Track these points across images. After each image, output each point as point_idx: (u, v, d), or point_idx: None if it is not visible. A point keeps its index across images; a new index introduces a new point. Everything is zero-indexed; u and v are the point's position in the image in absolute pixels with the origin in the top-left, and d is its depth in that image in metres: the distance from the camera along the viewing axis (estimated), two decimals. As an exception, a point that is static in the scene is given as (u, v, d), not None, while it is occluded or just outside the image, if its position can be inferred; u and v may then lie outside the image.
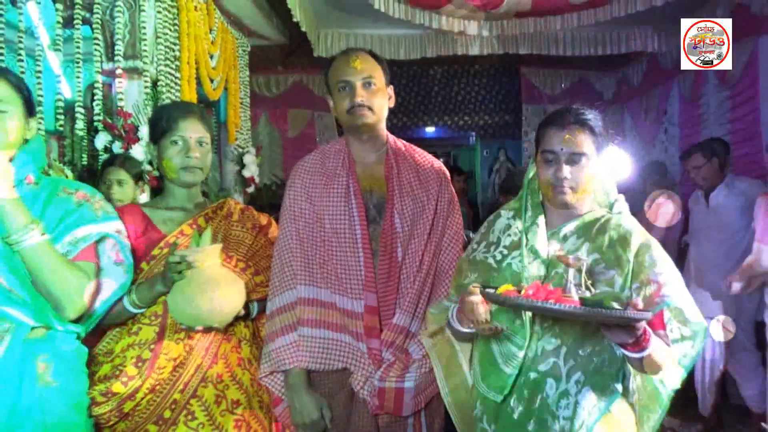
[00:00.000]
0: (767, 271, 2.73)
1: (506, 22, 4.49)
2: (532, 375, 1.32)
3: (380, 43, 5.06)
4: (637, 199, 3.49)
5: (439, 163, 1.78)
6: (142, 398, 1.50)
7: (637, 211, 2.63)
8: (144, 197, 2.88)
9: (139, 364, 1.51)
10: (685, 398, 3.49)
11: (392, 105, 1.71)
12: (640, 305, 1.13)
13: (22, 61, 2.91)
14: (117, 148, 2.81)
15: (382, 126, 1.71)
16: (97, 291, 1.39)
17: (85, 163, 3.02)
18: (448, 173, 1.79)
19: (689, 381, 3.34)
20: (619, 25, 4.66)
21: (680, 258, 3.43)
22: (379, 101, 1.63)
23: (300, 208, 1.66)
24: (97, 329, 1.54)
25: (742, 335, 3.16)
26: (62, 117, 2.98)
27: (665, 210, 3.49)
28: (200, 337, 1.58)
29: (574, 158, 1.34)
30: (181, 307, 1.48)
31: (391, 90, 1.70)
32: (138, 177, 2.66)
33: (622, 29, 4.85)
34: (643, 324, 1.15)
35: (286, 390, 1.61)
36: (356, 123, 1.62)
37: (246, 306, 1.62)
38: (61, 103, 2.98)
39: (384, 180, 1.67)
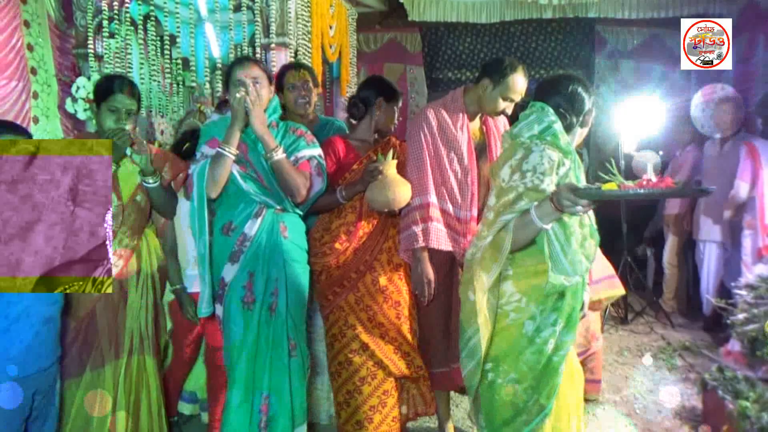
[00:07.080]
0: (743, 201, 3.69)
1: (577, -11, 5.11)
2: None
3: (465, 8, 5.80)
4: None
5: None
6: (349, 255, 2.37)
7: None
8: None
9: (348, 233, 2.39)
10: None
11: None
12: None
13: (178, 27, 4.19)
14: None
15: None
16: (310, 189, 2.16)
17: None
18: None
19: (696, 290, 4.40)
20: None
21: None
22: None
23: (432, 134, 2.40)
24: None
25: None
26: (209, 73, 4.18)
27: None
28: (382, 220, 2.43)
29: None
30: (375, 196, 2.26)
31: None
32: None
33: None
34: None
35: (413, 261, 2.39)
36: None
37: None
38: (207, 62, 4.24)
39: (481, 131, 2.52)
